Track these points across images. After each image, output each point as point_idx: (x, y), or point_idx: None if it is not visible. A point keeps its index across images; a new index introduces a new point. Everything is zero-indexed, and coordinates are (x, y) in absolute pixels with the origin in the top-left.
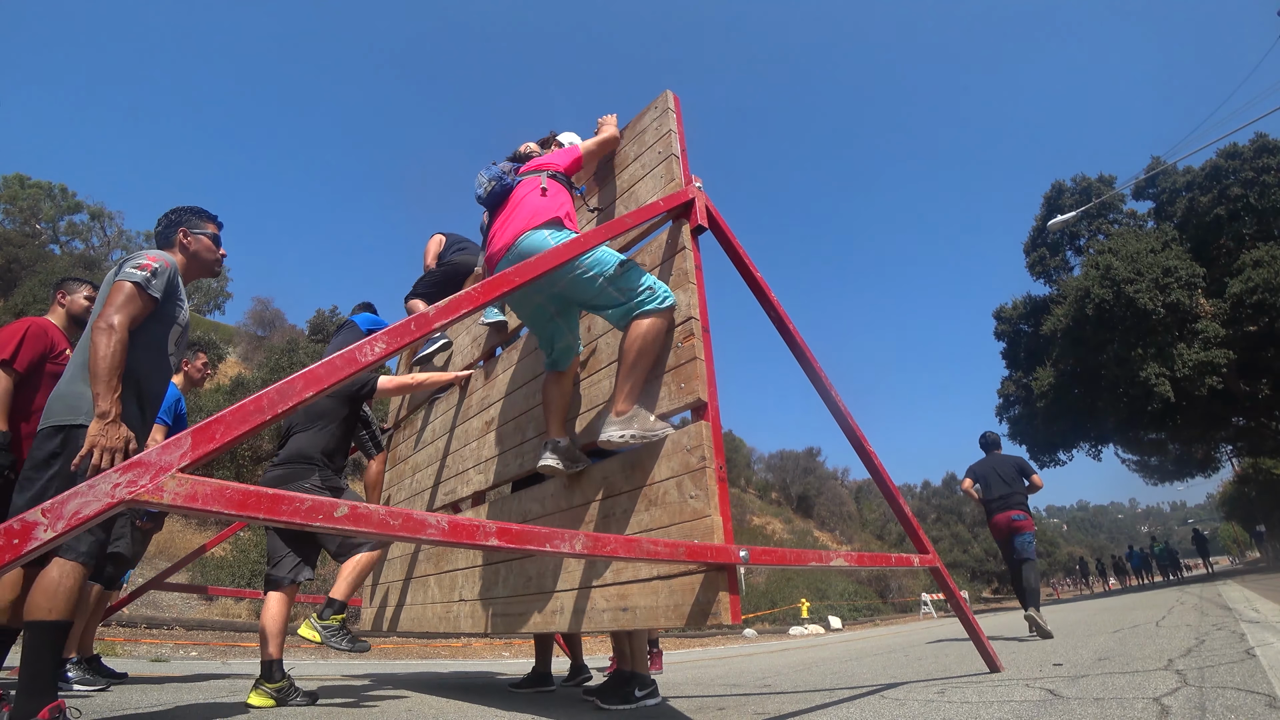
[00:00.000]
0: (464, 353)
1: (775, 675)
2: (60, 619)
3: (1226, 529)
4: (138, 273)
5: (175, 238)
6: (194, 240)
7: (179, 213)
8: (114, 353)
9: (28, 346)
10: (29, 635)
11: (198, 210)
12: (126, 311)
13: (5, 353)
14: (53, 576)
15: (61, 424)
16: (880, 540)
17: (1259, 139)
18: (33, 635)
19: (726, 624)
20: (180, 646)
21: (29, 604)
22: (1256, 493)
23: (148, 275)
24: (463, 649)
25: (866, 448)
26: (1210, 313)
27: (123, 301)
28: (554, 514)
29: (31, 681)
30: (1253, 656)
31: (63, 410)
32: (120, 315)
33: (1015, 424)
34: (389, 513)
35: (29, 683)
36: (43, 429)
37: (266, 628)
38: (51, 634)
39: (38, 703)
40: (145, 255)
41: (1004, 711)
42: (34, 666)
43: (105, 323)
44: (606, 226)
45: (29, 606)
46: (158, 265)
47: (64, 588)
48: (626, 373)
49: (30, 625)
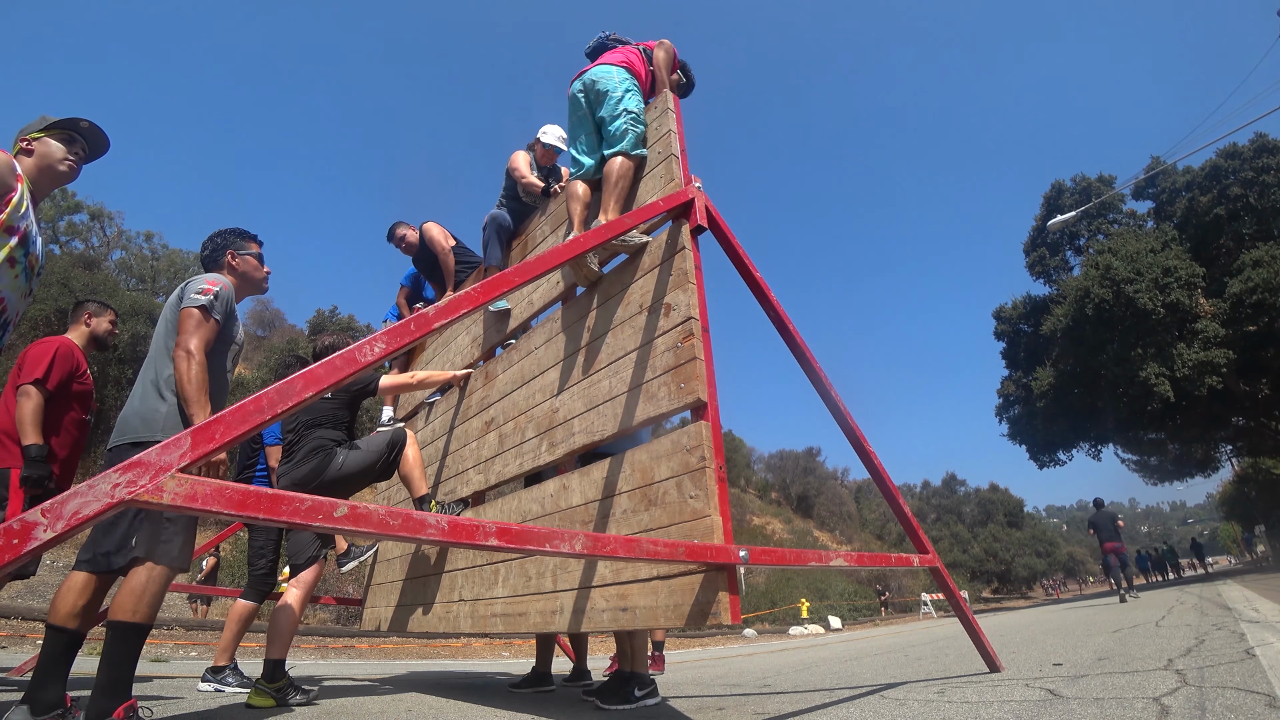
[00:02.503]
0: (464, 353)
1: (775, 675)
2: (144, 622)
3: (1226, 529)
4: (202, 298)
5: (224, 260)
6: (241, 261)
7: (223, 235)
8: (199, 375)
9: (58, 367)
10: (111, 635)
11: (240, 231)
12: (200, 336)
13: (39, 372)
14: (140, 579)
15: (139, 440)
16: (880, 540)
17: (1259, 139)
18: (115, 635)
19: (726, 624)
20: (180, 646)
21: (115, 604)
22: (1256, 493)
23: (211, 300)
24: (463, 649)
25: (866, 448)
26: (1210, 313)
27: (194, 327)
28: (554, 514)
29: (110, 681)
30: (1252, 656)
31: (140, 426)
32: (196, 340)
33: (1015, 424)
34: (389, 512)
35: (108, 683)
36: (119, 445)
37: (278, 627)
38: (134, 635)
39: (114, 702)
40: (204, 280)
41: (1004, 711)
42: (115, 667)
43: (184, 349)
44: (607, 226)
45: (115, 607)
46: (219, 289)
47: (150, 591)
48: (610, 190)
49: (113, 625)
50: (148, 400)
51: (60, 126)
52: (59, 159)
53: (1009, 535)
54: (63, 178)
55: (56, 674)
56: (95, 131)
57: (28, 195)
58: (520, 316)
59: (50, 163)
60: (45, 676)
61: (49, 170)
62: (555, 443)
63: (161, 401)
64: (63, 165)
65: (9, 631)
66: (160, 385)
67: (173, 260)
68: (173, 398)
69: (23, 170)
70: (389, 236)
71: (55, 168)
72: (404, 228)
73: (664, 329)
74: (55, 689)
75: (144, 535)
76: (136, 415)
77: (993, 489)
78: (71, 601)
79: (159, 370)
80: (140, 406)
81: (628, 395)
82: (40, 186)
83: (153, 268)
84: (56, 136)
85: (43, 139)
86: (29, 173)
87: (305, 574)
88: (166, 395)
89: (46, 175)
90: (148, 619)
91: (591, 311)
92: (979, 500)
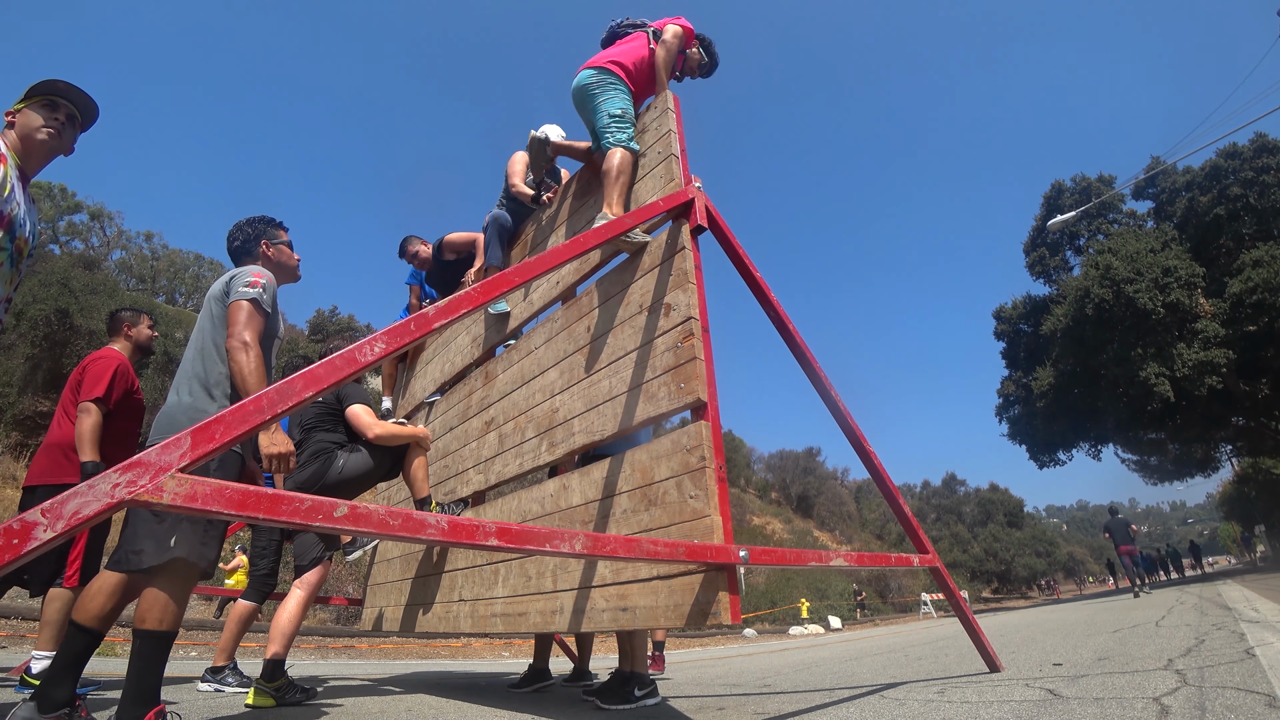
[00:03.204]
0: (464, 353)
1: (775, 675)
2: (171, 629)
3: (1226, 529)
4: (251, 290)
5: (258, 250)
6: (276, 250)
7: (254, 225)
8: (257, 368)
9: (118, 385)
10: (138, 644)
11: (269, 220)
12: (253, 328)
13: (100, 390)
14: (169, 588)
15: None
16: (880, 540)
17: (1259, 139)
18: (142, 644)
19: (726, 624)
20: (180, 646)
21: (140, 613)
22: (1256, 493)
23: (259, 292)
24: (463, 649)
25: (866, 448)
26: (1210, 312)
27: (246, 319)
28: (554, 514)
29: (139, 690)
30: (1252, 656)
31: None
32: (249, 332)
33: (1015, 424)
34: (389, 512)
35: (136, 691)
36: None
37: (280, 626)
38: (163, 643)
39: (142, 709)
40: (250, 273)
41: (1004, 711)
42: (144, 676)
43: (240, 341)
44: (606, 227)
45: (140, 615)
46: (265, 281)
47: (177, 599)
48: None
49: (140, 634)
50: (197, 399)
51: (39, 92)
52: (36, 127)
53: (1009, 535)
54: (46, 146)
55: (71, 673)
56: (74, 91)
57: (13, 175)
58: (520, 316)
59: (29, 133)
60: (60, 673)
61: (29, 141)
62: (555, 443)
63: (211, 401)
64: (41, 134)
65: (9, 631)
66: (210, 384)
67: (173, 260)
68: (223, 398)
69: (6, 147)
70: (401, 252)
71: (34, 137)
72: (417, 243)
73: (664, 329)
74: (66, 687)
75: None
76: (184, 414)
77: (993, 489)
78: (101, 603)
79: (208, 368)
80: (190, 404)
81: (628, 395)
82: (28, 161)
83: (153, 268)
84: (37, 104)
85: (23, 110)
86: (16, 148)
87: (309, 575)
88: (216, 395)
89: (28, 146)
90: (174, 626)
91: (591, 311)
92: (979, 500)
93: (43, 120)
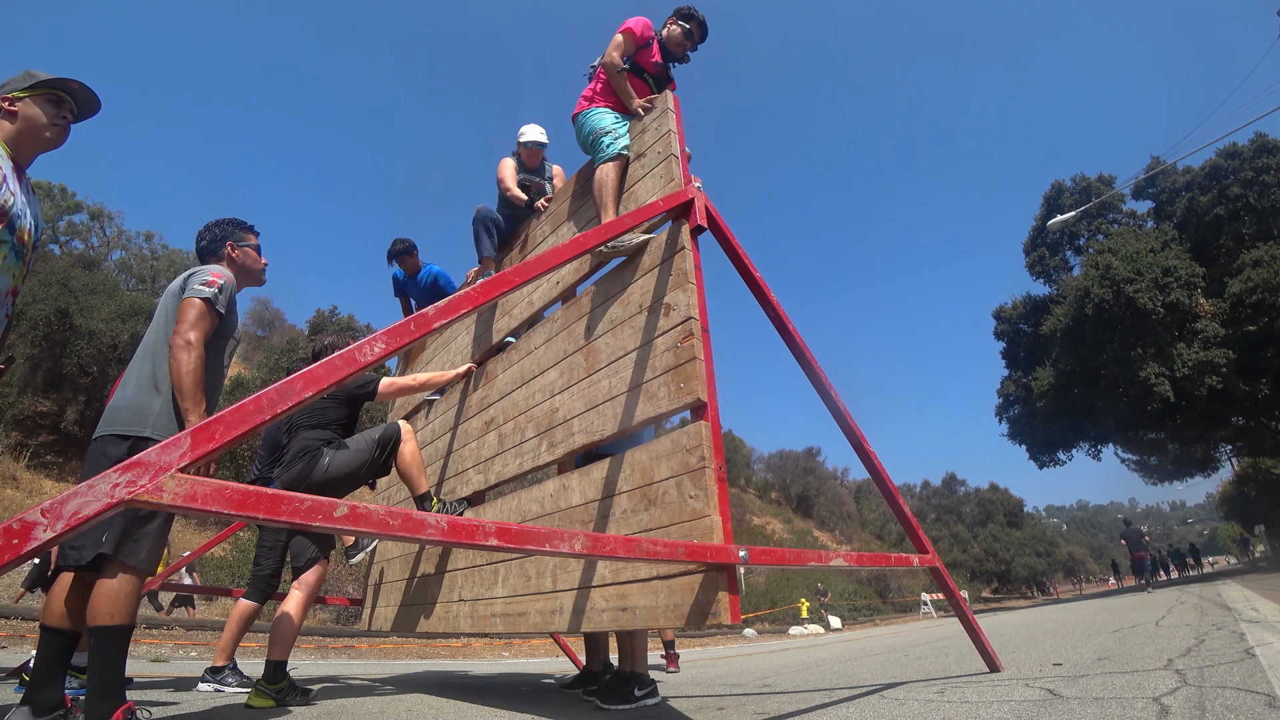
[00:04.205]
0: (464, 353)
1: (775, 675)
2: (123, 623)
3: (1226, 529)
4: (206, 289)
5: (223, 251)
6: (241, 253)
7: (221, 226)
8: (195, 369)
9: None
10: (94, 641)
11: (238, 222)
12: (201, 328)
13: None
14: (113, 583)
15: (128, 434)
16: (880, 540)
17: (1258, 139)
18: (98, 641)
19: (726, 624)
20: (180, 646)
21: (91, 610)
22: (1256, 492)
23: (215, 292)
24: (463, 649)
25: (866, 447)
26: (1210, 312)
27: (195, 318)
28: (554, 514)
29: (101, 686)
30: (1252, 656)
31: (131, 419)
32: (195, 332)
33: (1015, 424)
34: (389, 512)
35: (99, 688)
36: (106, 435)
37: (280, 629)
38: (116, 638)
39: (109, 706)
40: (209, 272)
41: (1004, 711)
42: (102, 672)
43: (183, 339)
44: (606, 227)
45: (91, 613)
46: (223, 281)
47: (124, 593)
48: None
49: (95, 631)
50: (141, 393)
51: (48, 86)
52: (45, 124)
53: (1009, 535)
54: (49, 144)
55: (54, 675)
56: (86, 92)
57: (8, 167)
58: (520, 316)
59: (35, 127)
60: (43, 678)
61: (33, 135)
62: (555, 442)
63: (156, 396)
64: (49, 131)
65: (9, 631)
66: (157, 380)
67: (172, 260)
68: (169, 393)
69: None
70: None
71: (41, 134)
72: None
73: (664, 329)
74: (54, 690)
75: (114, 533)
76: (128, 407)
77: (993, 489)
78: (60, 602)
79: (156, 364)
80: (133, 398)
81: (627, 395)
82: (23, 153)
83: (153, 268)
84: (43, 98)
85: (26, 100)
86: (9, 138)
87: (307, 576)
88: (162, 390)
89: (29, 141)
90: (126, 620)
91: (591, 311)
92: (979, 500)
93: (49, 118)
